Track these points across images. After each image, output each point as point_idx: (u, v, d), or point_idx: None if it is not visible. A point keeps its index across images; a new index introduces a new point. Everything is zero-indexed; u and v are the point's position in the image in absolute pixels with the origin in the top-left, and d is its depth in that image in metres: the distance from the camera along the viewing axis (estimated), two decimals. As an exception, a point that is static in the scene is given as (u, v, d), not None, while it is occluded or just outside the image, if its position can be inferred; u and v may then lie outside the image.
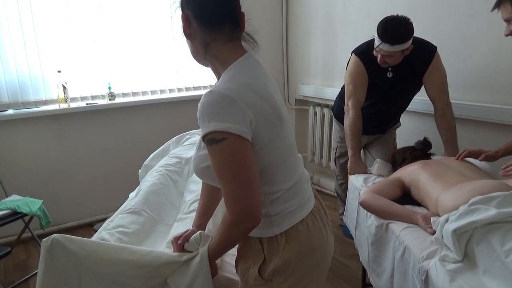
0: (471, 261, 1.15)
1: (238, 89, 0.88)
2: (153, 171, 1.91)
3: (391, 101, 2.23)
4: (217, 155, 0.87)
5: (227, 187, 0.88)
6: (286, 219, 1.00)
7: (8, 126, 2.65)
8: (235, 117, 0.85)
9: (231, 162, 0.86)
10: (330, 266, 1.12)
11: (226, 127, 0.84)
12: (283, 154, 0.98)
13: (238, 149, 0.86)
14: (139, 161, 2.30)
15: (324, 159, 3.42)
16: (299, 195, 1.03)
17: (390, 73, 2.08)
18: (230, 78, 0.92)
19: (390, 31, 1.88)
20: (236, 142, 0.85)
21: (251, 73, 0.95)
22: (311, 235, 1.03)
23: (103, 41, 2.91)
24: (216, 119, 0.84)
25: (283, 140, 0.98)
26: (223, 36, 0.95)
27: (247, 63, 0.96)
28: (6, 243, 2.65)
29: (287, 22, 3.61)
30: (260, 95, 0.91)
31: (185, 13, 0.95)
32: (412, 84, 2.15)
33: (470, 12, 2.17)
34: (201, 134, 0.89)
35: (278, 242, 1.00)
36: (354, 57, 2.14)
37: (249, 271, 1.04)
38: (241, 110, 0.86)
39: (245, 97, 0.87)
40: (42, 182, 2.81)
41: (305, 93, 3.52)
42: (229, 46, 0.97)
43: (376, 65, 2.07)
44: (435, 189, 1.53)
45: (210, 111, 0.86)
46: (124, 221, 1.43)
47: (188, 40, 0.99)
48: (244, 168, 0.87)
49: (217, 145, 0.85)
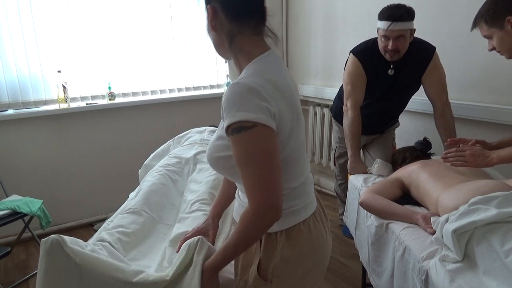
0: (471, 261, 1.15)
1: (262, 83, 0.88)
2: (153, 171, 1.91)
3: (390, 101, 2.22)
4: (246, 142, 0.86)
5: (253, 175, 0.87)
6: (290, 217, 1.00)
7: (8, 126, 2.65)
8: (262, 108, 0.85)
9: (260, 149, 0.86)
10: (330, 266, 1.13)
11: (255, 117, 0.84)
12: (296, 152, 0.99)
13: (267, 137, 0.86)
14: (139, 161, 2.31)
15: (324, 159, 3.42)
16: (304, 195, 1.03)
17: (392, 70, 2.07)
18: (254, 72, 0.92)
19: (395, 8, 1.90)
20: (265, 130, 0.86)
21: (275, 69, 0.95)
22: (312, 236, 1.03)
23: (103, 41, 2.91)
24: (244, 109, 0.85)
25: (297, 138, 0.98)
26: (250, 29, 0.96)
27: (271, 58, 0.96)
28: (6, 243, 2.65)
29: (287, 22, 3.61)
30: (282, 91, 0.92)
31: (212, 5, 0.94)
32: (411, 83, 2.14)
33: (470, 12, 2.16)
34: (225, 124, 0.88)
35: (277, 239, 1.00)
36: (352, 57, 2.14)
37: (249, 270, 1.04)
38: (267, 103, 0.86)
39: (269, 91, 0.88)
40: (42, 182, 2.81)
41: (305, 93, 3.52)
42: (255, 40, 0.97)
43: (375, 63, 2.07)
44: (435, 189, 1.53)
45: (238, 101, 0.86)
46: (124, 221, 1.43)
47: (213, 32, 0.98)
48: (271, 156, 0.87)
49: (246, 131, 0.85)
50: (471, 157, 1.46)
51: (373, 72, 2.09)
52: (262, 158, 0.87)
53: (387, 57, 2.01)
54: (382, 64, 2.08)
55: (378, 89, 2.15)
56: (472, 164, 1.47)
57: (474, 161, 1.46)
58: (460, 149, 1.51)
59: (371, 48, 2.09)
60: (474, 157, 1.46)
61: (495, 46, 1.52)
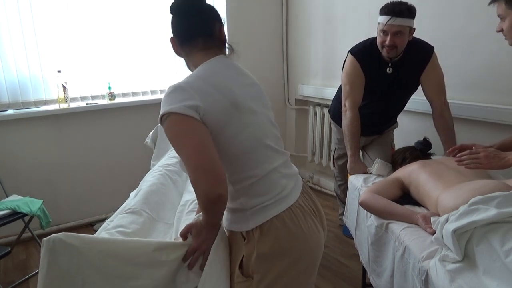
0: (471, 261, 1.15)
1: (190, 80, 1.03)
2: (152, 171, 1.91)
3: (389, 100, 2.22)
4: (167, 132, 0.99)
5: (184, 159, 0.96)
6: (261, 213, 1.04)
7: (8, 126, 2.65)
8: (179, 100, 0.97)
9: (179, 133, 0.97)
10: (330, 266, 1.13)
11: (169, 109, 0.97)
12: (246, 142, 1.04)
13: (182, 122, 0.96)
14: (139, 161, 2.31)
15: (324, 159, 3.42)
16: (274, 189, 1.06)
17: (390, 69, 2.06)
18: (190, 75, 1.07)
19: (397, 4, 1.91)
20: (179, 117, 0.96)
21: (211, 69, 1.08)
22: (289, 230, 1.04)
23: (103, 41, 2.91)
24: (164, 105, 1.00)
25: (244, 129, 1.04)
26: (198, 47, 1.12)
27: (213, 62, 1.10)
28: (6, 243, 2.65)
29: (287, 22, 3.61)
30: (214, 85, 1.02)
31: (172, 37, 1.16)
32: (409, 83, 2.14)
33: (470, 12, 2.17)
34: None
35: (254, 236, 1.04)
36: (351, 57, 2.13)
37: (235, 268, 1.09)
38: (187, 95, 0.98)
39: (194, 85, 1.01)
40: (42, 182, 2.81)
41: (305, 93, 3.52)
42: (203, 54, 1.12)
43: (374, 63, 2.07)
44: (435, 189, 1.53)
45: (163, 100, 1.01)
46: (124, 221, 1.43)
47: (179, 56, 1.18)
48: (192, 139, 0.96)
49: (165, 122, 0.98)
50: (486, 159, 1.41)
51: (371, 71, 2.09)
52: (182, 141, 0.96)
53: (384, 53, 2.00)
54: (381, 64, 2.07)
55: (377, 88, 2.14)
56: (487, 166, 1.42)
57: (489, 163, 1.40)
58: (473, 151, 1.46)
59: (369, 47, 2.09)
60: (488, 158, 1.41)
61: (503, 29, 1.46)
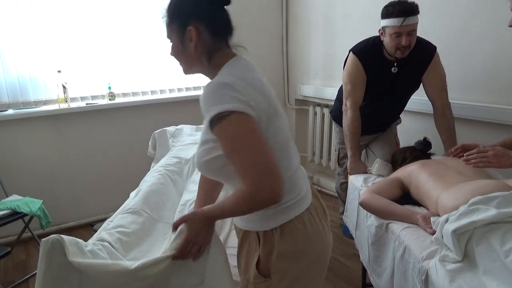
0: (471, 261, 1.15)
1: (233, 79, 0.92)
2: (152, 171, 1.91)
3: (391, 100, 2.22)
4: (227, 129, 0.89)
5: (244, 159, 0.88)
6: (283, 213, 1.02)
7: (8, 126, 2.65)
8: (236, 98, 0.89)
9: (244, 132, 0.89)
10: (330, 266, 1.13)
11: (230, 107, 0.88)
12: (280, 143, 1.00)
13: (246, 121, 0.89)
14: (139, 161, 2.31)
15: (324, 159, 3.42)
16: (295, 190, 1.04)
17: (396, 68, 2.05)
18: (223, 73, 0.97)
19: (404, 3, 1.88)
20: (243, 116, 0.88)
21: (243, 69, 1.00)
22: (308, 231, 1.04)
23: (103, 41, 2.91)
24: (218, 102, 0.89)
25: (279, 130, 1.00)
26: (225, 44, 1.03)
27: (239, 60, 1.02)
28: (6, 243, 2.65)
29: (287, 22, 3.61)
30: (253, 86, 0.95)
31: (194, 26, 0.98)
32: (412, 82, 2.14)
33: (470, 12, 2.17)
34: (207, 120, 0.91)
35: (273, 236, 1.02)
36: (352, 56, 2.12)
37: (250, 268, 1.06)
38: (239, 94, 0.90)
39: (240, 86, 0.91)
40: (42, 182, 2.81)
41: (305, 93, 3.52)
42: (227, 53, 1.03)
43: (376, 62, 2.06)
44: (435, 189, 1.53)
45: (213, 97, 0.90)
46: (124, 221, 1.43)
47: (193, 52, 1.01)
48: (256, 139, 0.89)
49: (225, 119, 0.88)
50: (495, 158, 1.39)
51: (374, 71, 2.09)
52: (246, 141, 0.89)
53: (398, 54, 1.97)
54: (384, 63, 2.07)
55: (380, 88, 2.14)
56: (496, 165, 1.40)
57: (498, 162, 1.39)
58: (482, 149, 1.44)
59: (371, 46, 2.08)
60: (497, 157, 1.39)
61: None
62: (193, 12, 0.98)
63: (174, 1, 1.03)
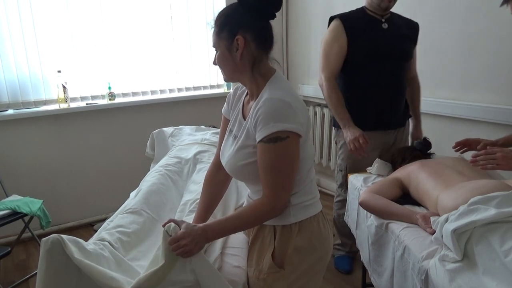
0: (470, 261, 1.15)
1: (291, 98, 1.03)
2: (153, 171, 1.91)
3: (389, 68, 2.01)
4: (278, 152, 1.00)
5: (277, 178, 1.03)
6: (304, 210, 1.13)
7: (8, 126, 2.65)
8: (294, 119, 1.00)
9: (289, 158, 1.02)
10: (330, 266, 1.18)
11: (289, 127, 0.99)
12: (310, 151, 1.13)
13: (296, 146, 1.03)
14: (139, 161, 2.31)
15: (324, 159, 3.42)
16: (313, 192, 1.17)
17: (385, 24, 2.00)
18: (279, 89, 1.05)
19: None
20: (296, 139, 1.02)
21: (290, 86, 1.11)
22: (321, 230, 1.16)
23: (103, 41, 2.92)
24: (280, 120, 0.99)
25: (309, 140, 1.12)
26: (266, 55, 1.10)
27: (282, 78, 1.12)
28: (6, 243, 2.65)
29: (287, 22, 3.61)
30: (303, 105, 1.07)
31: (243, 36, 1.03)
32: (407, 42, 2.07)
33: (470, 12, 2.17)
34: (262, 134, 1.00)
35: (292, 230, 1.11)
36: (332, 22, 2.03)
37: (263, 260, 1.13)
38: (296, 113, 1.01)
39: (296, 105, 1.02)
40: (42, 182, 2.81)
41: (305, 93, 3.52)
42: (267, 64, 1.11)
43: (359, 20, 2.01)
44: (435, 188, 1.53)
45: (274, 115, 0.99)
46: (124, 221, 1.43)
47: (238, 60, 1.05)
48: (295, 163, 1.04)
49: (281, 142, 0.99)
50: (503, 160, 1.34)
51: (359, 28, 1.98)
52: (288, 166, 1.03)
53: (384, 5, 1.93)
54: (369, 20, 2.00)
55: (377, 50, 1.99)
56: (505, 167, 1.35)
57: (507, 164, 1.34)
58: (490, 151, 1.39)
59: (354, 11, 2.07)
60: (506, 159, 1.34)
61: None
62: (242, 23, 1.04)
63: (224, 12, 1.08)
